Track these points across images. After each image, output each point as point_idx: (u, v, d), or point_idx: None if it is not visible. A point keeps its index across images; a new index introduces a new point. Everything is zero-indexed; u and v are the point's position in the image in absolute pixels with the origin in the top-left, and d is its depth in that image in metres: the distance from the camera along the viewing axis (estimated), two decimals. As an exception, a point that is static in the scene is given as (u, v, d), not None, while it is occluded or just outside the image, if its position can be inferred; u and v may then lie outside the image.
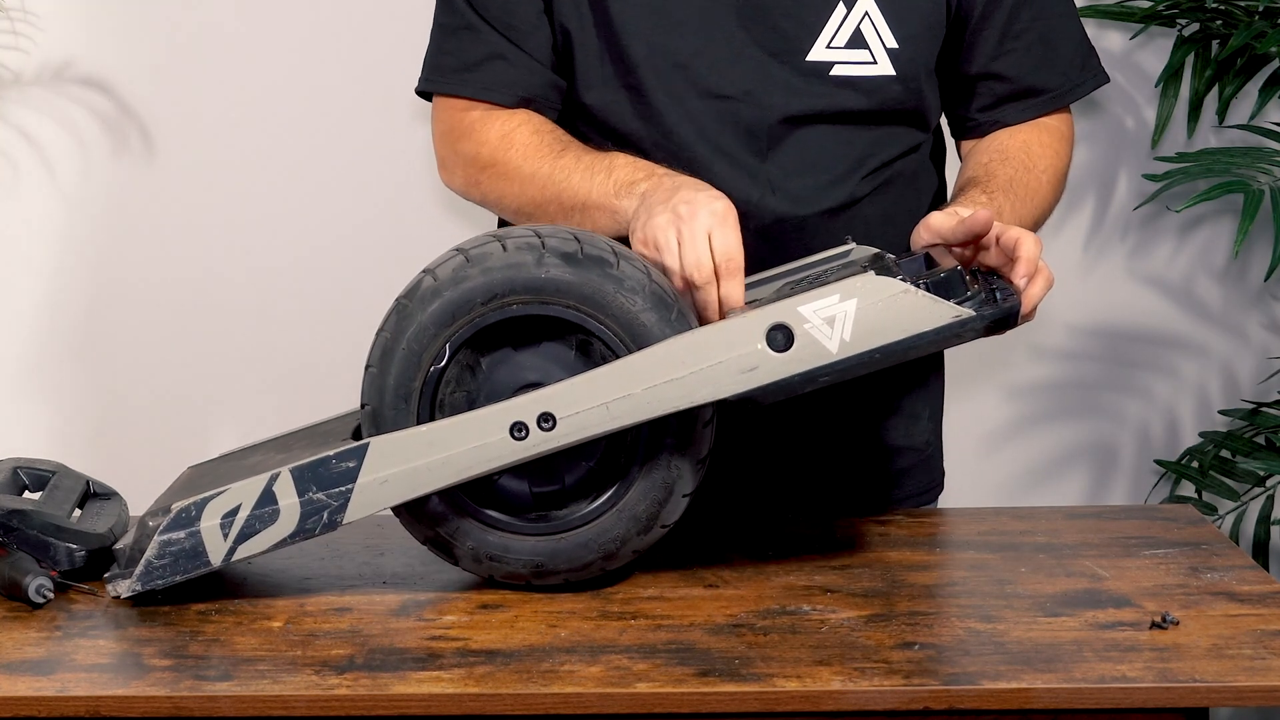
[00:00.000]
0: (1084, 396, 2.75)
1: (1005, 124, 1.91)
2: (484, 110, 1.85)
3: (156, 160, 2.64)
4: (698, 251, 1.62)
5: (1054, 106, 1.92)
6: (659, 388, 1.52)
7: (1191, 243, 2.72)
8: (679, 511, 1.61)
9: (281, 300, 2.67)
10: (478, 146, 1.84)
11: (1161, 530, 1.79)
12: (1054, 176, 1.89)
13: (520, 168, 1.81)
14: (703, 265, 1.62)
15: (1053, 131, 1.92)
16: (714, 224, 1.63)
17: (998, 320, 1.53)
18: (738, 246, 1.63)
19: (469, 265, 1.56)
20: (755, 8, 1.81)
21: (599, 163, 1.77)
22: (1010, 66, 1.89)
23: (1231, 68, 2.58)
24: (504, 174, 1.82)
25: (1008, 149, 1.88)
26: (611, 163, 1.76)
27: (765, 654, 1.47)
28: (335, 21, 2.62)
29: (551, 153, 1.80)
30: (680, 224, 1.64)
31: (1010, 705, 1.40)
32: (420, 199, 2.64)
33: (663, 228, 1.64)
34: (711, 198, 1.65)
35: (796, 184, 1.84)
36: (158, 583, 1.58)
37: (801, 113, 1.83)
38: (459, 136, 1.86)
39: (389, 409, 1.58)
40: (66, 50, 2.61)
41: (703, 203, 1.64)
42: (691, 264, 1.62)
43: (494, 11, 1.84)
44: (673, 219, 1.64)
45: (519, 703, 1.40)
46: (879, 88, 1.83)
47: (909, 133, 1.88)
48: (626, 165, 1.75)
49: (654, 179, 1.72)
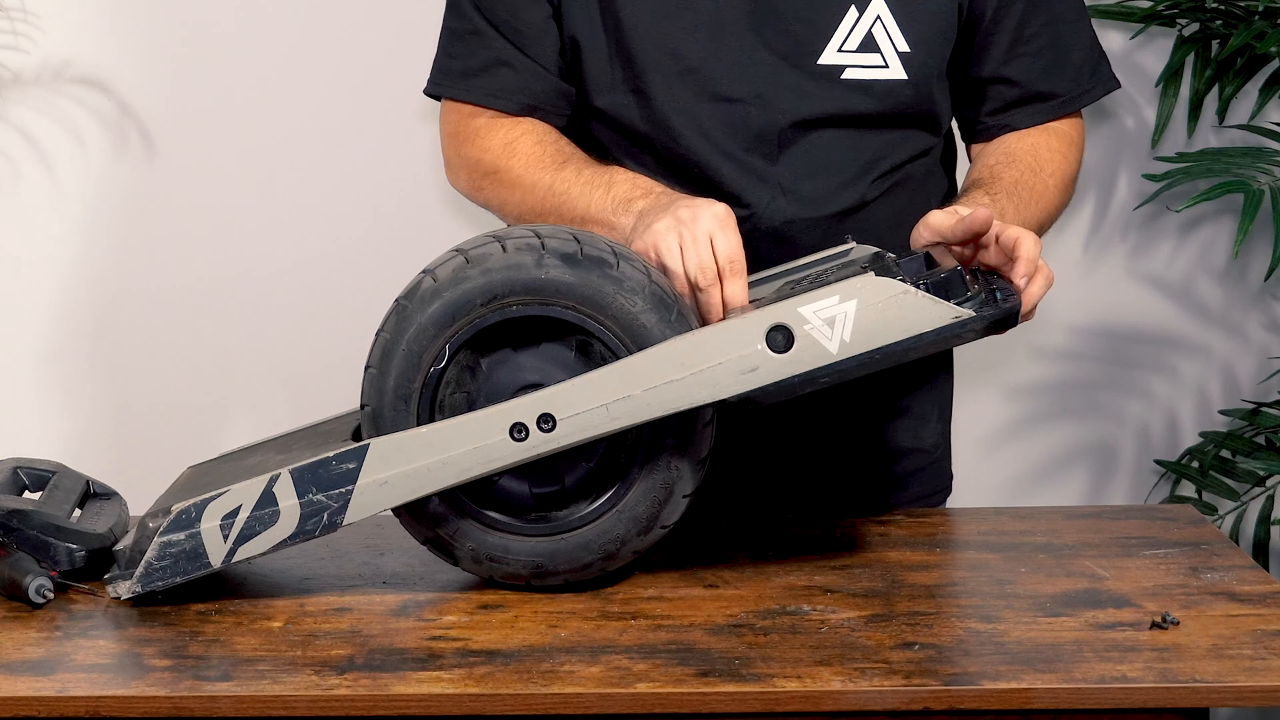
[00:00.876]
0: (1084, 396, 2.75)
1: (1014, 128, 1.91)
2: (489, 117, 1.86)
3: (156, 160, 2.64)
4: (700, 254, 1.63)
5: (1063, 112, 1.92)
6: (659, 389, 1.52)
7: (1191, 243, 2.72)
8: (679, 512, 1.61)
9: (281, 300, 2.67)
10: (481, 153, 1.85)
11: (1161, 530, 1.79)
12: (1061, 181, 1.89)
13: (521, 177, 1.82)
14: (707, 267, 1.63)
15: (1062, 136, 1.92)
16: (715, 227, 1.64)
17: (998, 320, 1.53)
18: (739, 248, 1.64)
19: (469, 266, 1.56)
20: (767, 11, 1.81)
21: (599, 177, 1.78)
22: (1020, 71, 1.89)
23: (1231, 68, 2.58)
24: (505, 182, 1.83)
25: (1015, 152, 1.88)
26: (611, 178, 1.77)
27: (765, 654, 1.47)
28: (336, 21, 2.61)
29: (553, 164, 1.81)
30: (681, 228, 1.65)
31: (1010, 705, 1.40)
32: (421, 199, 2.64)
33: (663, 233, 1.65)
34: (710, 202, 1.66)
35: (807, 187, 1.84)
36: (158, 584, 1.58)
37: (812, 116, 1.83)
38: (464, 140, 1.87)
39: (389, 409, 1.58)
40: (66, 50, 2.60)
41: (703, 207, 1.66)
42: (695, 266, 1.63)
43: (501, 16, 1.84)
44: (674, 224, 1.65)
45: (519, 703, 1.40)
46: (890, 91, 1.83)
47: (920, 136, 1.88)
48: (625, 182, 1.77)
49: (651, 197, 1.74)
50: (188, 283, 2.66)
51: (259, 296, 2.67)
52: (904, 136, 1.87)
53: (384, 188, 2.65)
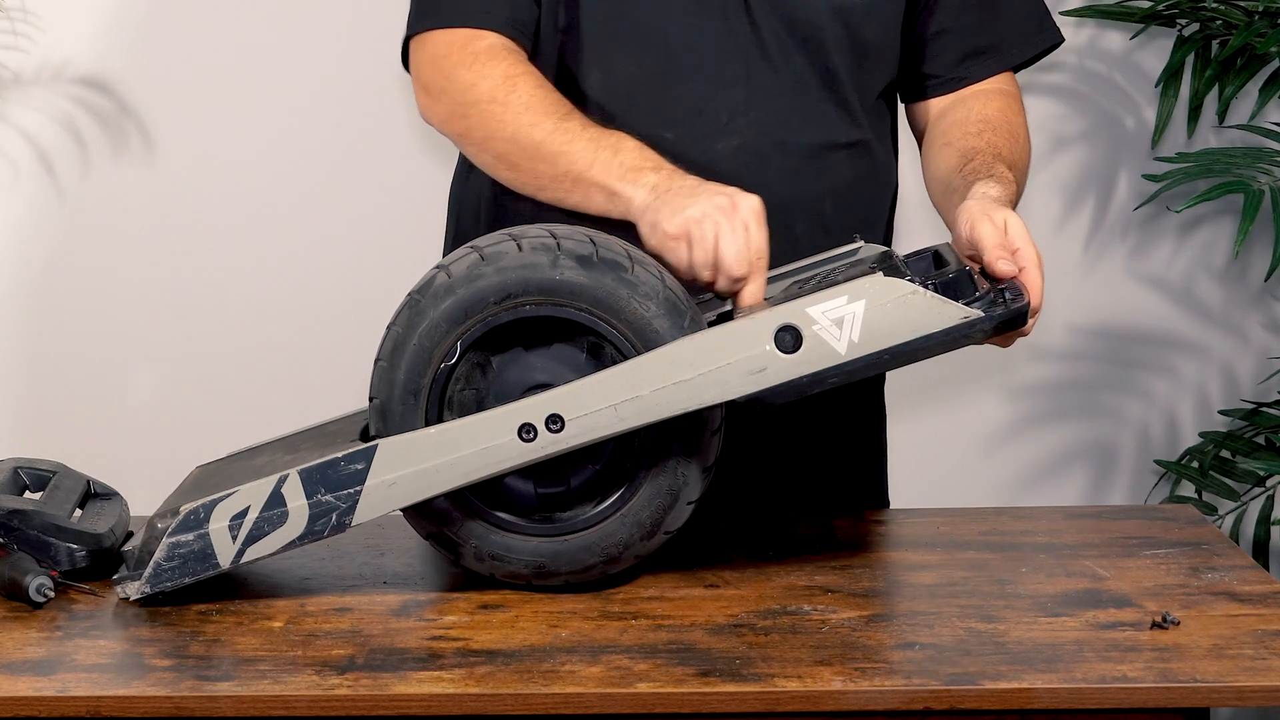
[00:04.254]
0: (1084, 396, 2.75)
1: (970, 81, 1.92)
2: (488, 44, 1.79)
3: (156, 160, 2.64)
4: (738, 245, 1.61)
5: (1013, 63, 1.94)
6: (667, 389, 1.52)
7: (1191, 243, 2.72)
8: (683, 518, 1.61)
9: (281, 299, 2.67)
10: (478, 78, 1.77)
11: (1161, 530, 1.79)
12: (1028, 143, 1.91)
13: (519, 115, 1.75)
14: (741, 258, 1.62)
15: (1016, 98, 1.94)
16: (750, 218, 1.63)
17: (1006, 321, 1.53)
18: (766, 245, 1.63)
19: (484, 264, 1.56)
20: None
21: (605, 139, 1.72)
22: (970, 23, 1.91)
23: (1231, 68, 2.58)
24: (499, 116, 1.76)
25: (991, 119, 1.87)
26: (619, 143, 1.72)
27: (766, 654, 1.47)
28: (336, 20, 2.62)
29: (556, 113, 1.75)
30: (719, 214, 1.62)
31: (1010, 705, 1.40)
32: (426, 196, 2.63)
33: (700, 220, 1.62)
34: (746, 194, 1.64)
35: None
36: (166, 585, 1.58)
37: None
38: (457, 64, 1.79)
39: (398, 404, 1.58)
40: (66, 50, 2.61)
41: (741, 197, 1.64)
42: (733, 256, 1.61)
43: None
44: (710, 211, 1.62)
45: (519, 703, 1.40)
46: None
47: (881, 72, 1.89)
48: (634, 150, 1.71)
49: (663, 172, 1.69)
50: (188, 281, 2.66)
51: (259, 296, 2.67)
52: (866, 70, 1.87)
53: (386, 186, 2.65)
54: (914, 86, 1.95)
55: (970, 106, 1.90)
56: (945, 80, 1.92)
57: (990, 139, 1.84)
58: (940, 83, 1.92)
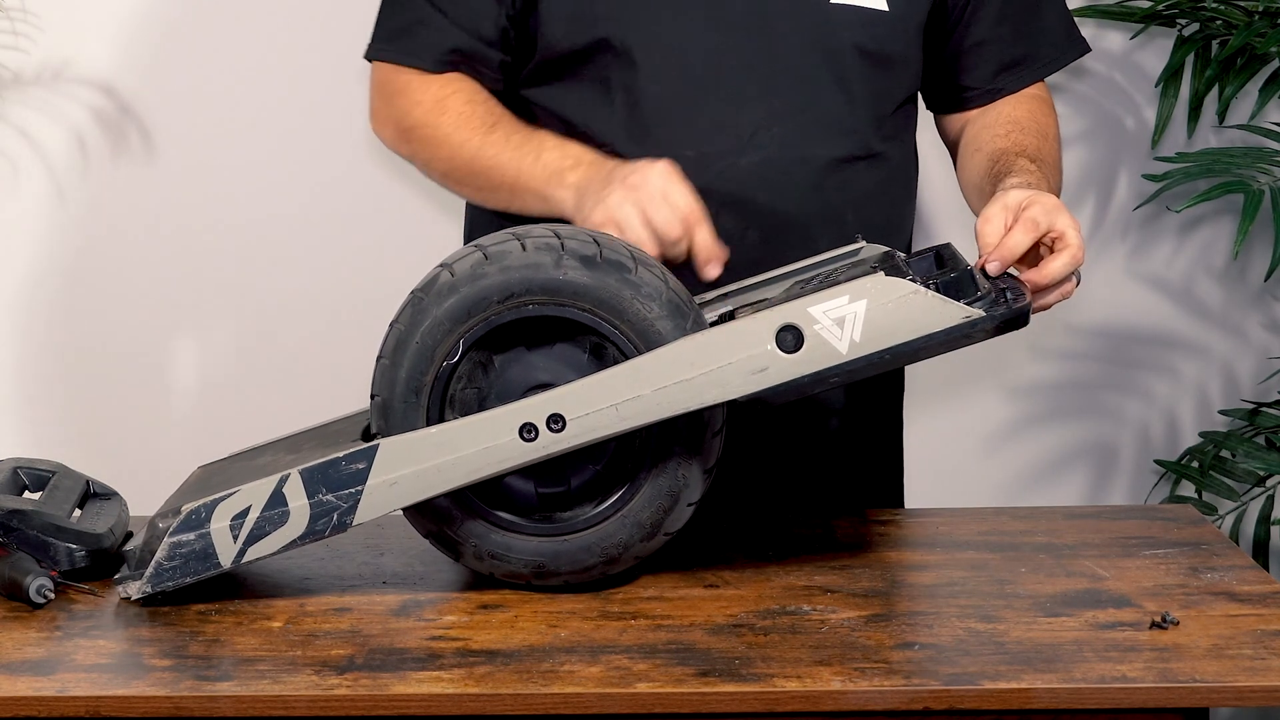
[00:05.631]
0: (1084, 396, 2.75)
1: (1006, 92, 1.94)
2: (420, 74, 1.87)
3: (156, 160, 2.64)
4: (662, 212, 1.66)
5: (1046, 73, 1.97)
6: (668, 389, 1.52)
7: (1191, 243, 2.72)
8: (683, 520, 1.61)
9: (281, 299, 2.67)
10: (412, 106, 1.86)
11: (1161, 530, 1.79)
12: (1060, 145, 1.94)
13: (450, 136, 1.83)
14: (672, 222, 1.66)
15: (1047, 102, 1.96)
16: (664, 183, 1.67)
17: (1008, 320, 1.53)
18: (692, 196, 1.68)
19: (487, 263, 1.56)
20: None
21: (527, 143, 1.79)
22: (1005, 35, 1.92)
23: (1231, 68, 2.58)
24: (433, 139, 1.85)
25: (1021, 120, 1.90)
26: (540, 145, 1.79)
27: (765, 654, 1.47)
28: (336, 20, 2.61)
29: (482, 126, 1.82)
30: (634, 194, 1.67)
31: (1010, 705, 1.40)
32: (425, 197, 2.64)
33: (618, 206, 1.67)
34: (649, 162, 1.69)
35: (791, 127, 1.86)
36: (168, 585, 1.58)
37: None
38: (394, 93, 1.88)
39: (399, 401, 1.58)
40: (66, 50, 2.60)
41: (645, 167, 1.68)
42: (662, 223, 1.66)
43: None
44: (625, 193, 1.67)
45: (519, 703, 1.40)
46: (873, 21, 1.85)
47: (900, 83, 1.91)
48: (554, 149, 1.78)
49: (581, 168, 1.75)
50: (188, 281, 2.66)
51: (259, 296, 2.66)
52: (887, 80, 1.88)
53: (387, 185, 2.65)
54: (950, 99, 1.96)
55: (1000, 110, 1.92)
56: (983, 92, 1.94)
57: (1018, 139, 1.85)
58: (977, 94, 1.94)
